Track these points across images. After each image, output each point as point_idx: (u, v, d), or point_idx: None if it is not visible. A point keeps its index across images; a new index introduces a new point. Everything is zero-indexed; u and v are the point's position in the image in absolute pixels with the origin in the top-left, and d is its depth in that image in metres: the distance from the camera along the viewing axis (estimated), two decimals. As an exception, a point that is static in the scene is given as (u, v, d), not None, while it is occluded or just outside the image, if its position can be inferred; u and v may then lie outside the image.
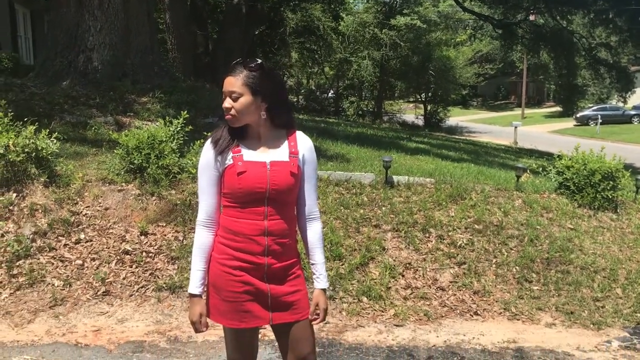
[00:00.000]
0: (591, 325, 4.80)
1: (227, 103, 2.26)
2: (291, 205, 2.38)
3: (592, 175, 6.48)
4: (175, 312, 4.51)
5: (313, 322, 2.41)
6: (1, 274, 4.59)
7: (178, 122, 5.76)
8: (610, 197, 6.48)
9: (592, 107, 41.17)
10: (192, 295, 2.32)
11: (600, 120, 34.04)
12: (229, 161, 2.28)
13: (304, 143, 2.39)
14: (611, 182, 6.49)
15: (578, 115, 39.88)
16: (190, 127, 5.90)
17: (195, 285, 2.32)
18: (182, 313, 4.48)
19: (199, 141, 5.86)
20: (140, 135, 5.56)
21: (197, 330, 2.35)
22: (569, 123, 39.95)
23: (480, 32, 32.80)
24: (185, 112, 5.88)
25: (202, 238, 2.34)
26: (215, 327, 4.27)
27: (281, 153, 2.32)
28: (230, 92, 2.25)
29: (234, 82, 2.25)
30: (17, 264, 4.66)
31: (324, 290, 2.43)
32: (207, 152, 2.33)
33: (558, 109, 47.22)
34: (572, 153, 6.90)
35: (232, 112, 2.25)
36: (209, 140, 2.35)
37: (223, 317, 2.34)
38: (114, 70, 9.52)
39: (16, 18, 19.44)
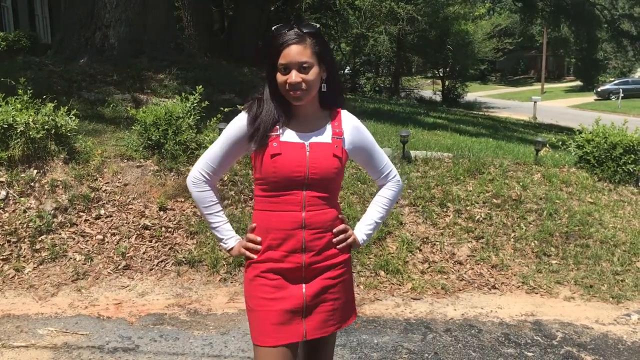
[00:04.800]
0: (610, 299, 4.77)
1: (297, 77, 1.92)
2: (334, 195, 2.10)
3: (613, 149, 6.39)
4: (195, 285, 4.56)
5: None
6: (25, 248, 4.68)
7: (194, 98, 5.77)
8: (631, 170, 6.38)
9: (614, 81, 40.43)
10: (229, 250, 2.15)
11: (622, 95, 33.44)
12: (264, 142, 2.00)
13: (349, 122, 2.11)
14: (632, 156, 6.39)
15: (599, 90, 39.20)
16: (206, 103, 5.90)
17: (223, 241, 2.15)
18: (202, 286, 4.54)
19: (215, 117, 5.88)
20: (157, 111, 5.59)
21: (252, 247, 2.06)
22: (590, 98, 39.30)
23: (499, 5, 32.23)
24: (201, 87, 5.88)
25: (198, 193, 2.13)
26: (235, 300, 4.34)
27: (323, 133, 2.05)
28: (300, 62, 1.92)
29: (304, 51, 1.92)
30: (40, 239, 4.75)
31: (358, 242, 2.19)
32: (239, 124, 2.06)
33: (578, 83, 46.48)
34: (593, 127, 6.80)
35: (303, 86, 1.93)
36: (243, 113, 2.07)
37: (256, 334, 2.03)
38: (131, 47, 9.54)
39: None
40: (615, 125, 6.76)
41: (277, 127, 2.01)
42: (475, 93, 41.60)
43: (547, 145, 7.42)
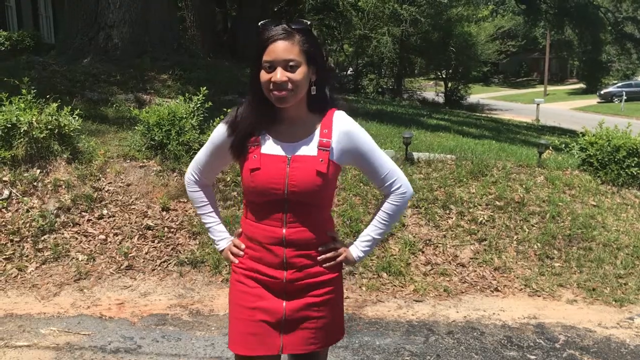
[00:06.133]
0: (613, 302, 4.76)
1: (282, 75, 1.75)
2: (321, 210, 1.93)
3: (616, 152, 6.38)
4: (197, 286, 4.56)
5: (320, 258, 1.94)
6: (27, 248, 4.68)
7: (198, 99, 5.77)
8: (635, 173, 6.37)
9: (617, 83, 40.35)
10: (221, 252, 2.08)
11: (625, 97, 33.37)
12: (243, 153, 1.87)
13: (339, 127, 1.89)
14: (636, 159, 6.38)
15: (602, 92, 39.14)
16: (209, 103, 5.91)
17: (215, 241, 2.09)
18: (204, 287, 4.54)
19: (218, 118, 5.87)
20: (160, 112, 5.59)
21: (235, 252, 1.98)
22: (593, 100, 39.24)
23: (502, 7, 32.22)
24: (205, 88, 5.89)
25: (190, 193, 2.10)
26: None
27: (308, 144, 1.86)
28: (286, 60, 1.75)
29: (291, 48, 1.76)
30: (42, 238, 4.75)
31: (352, 259, 2.02)
32: (219, 131, 1.93)
33: (581, 85, 46.39)
34: (596, 129, 6.79)
35: (289, 86, 1.76)
36: (224, 122, 1.94)
37: (231, 341, 1.96)
38: (134, 47, 9.55)
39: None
40: (619, 128, 6.74)
41: (258, 135, 1.86)
42: (477, 95, 41.56)
43: (550, 148, 7.41)
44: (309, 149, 1.85)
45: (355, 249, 2.03)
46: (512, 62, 55.65)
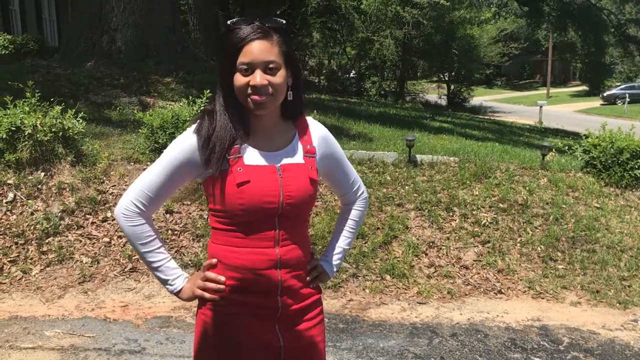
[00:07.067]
0: (617, 304, 4.75)
1: (262, 78, 1.58)
2: (305, 223, 1.80)
3: (619, 154, 6.37)
4: (201, 288, 4.57)
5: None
6: (32, 250, 4.69)
7: (201, 102, 5.79)
8: (638, 175, 6.36)
9: (620, 85, 40.30)
10: (177, 293, 1.74)
11: (628, 99, 33.33)
12: (224, 166, 1.62)
13: (317, 133, 1.77)
14: (639, 161, 6.37)
15: (605, 94, 39.09)
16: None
17: (169, 282, 1.74)
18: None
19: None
20: (164, 114, 5.61)
21: (213, 287, 1.67)
22: (596, 102, 39.18)
23: (505, 9, 32.23)
24: (208, 91, 5.90)
25: (131, 228, 1.70)
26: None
27: (293, 152, 1.70)
28: (266, 62, 1.58)
29: (270, 49, 1.59)
30: (47, 241, 4.76)
31: (327, 276, 1.87)
32: (185, 145, 1.67)
33: (584, 88, 46.36)
34: (599, 131, 6.78)
35: (270, 90, 1.59)
36: (190, 131, 1.68)
37: None
38: (137, 50, 9.58)
39: (41, 0, 19.62)
40: (622, 130, 6.74)
41: (237, 145, 1.64)
42: (480, 97, 41.55)
43: (554, 150, 7.40)
44: (296, 157, 1.70)
45: (328, 264, 1.88)
46: (514, 64, 55.62)
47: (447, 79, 37.25)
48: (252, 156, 1.65)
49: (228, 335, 1.69)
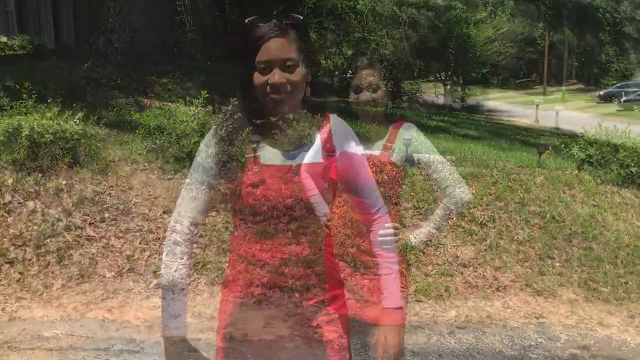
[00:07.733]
0: (614, 301, 4.77)
1: (281, 76, 1.56)
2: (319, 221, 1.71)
3: (616, 152, 6.39)
4: (201, 288, 4.58)
5: None
6: (29, 252, 4.69)
7: (198, 103, 5.80)
8: (634, 173, 6.39)
9: (616, 84, 40.40)
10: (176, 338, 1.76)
11: (624, 98, 33.39)
12: (242, 164, 1.63)
13: (339, 130, 1.71)
14: (636, 158, 6.39)
15: (601, 93, 39.16)
16: (210, 107, 5.93)
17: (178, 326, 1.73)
18: (207, 289, 4.55)
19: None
20: (161, 115, 5.62)
21: None
22: (592, 101, 39.26)
23: (500, 8, 32.25)
24: (205, 92, 5.91)
25: (185, 260, 1.70)
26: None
27: (311, 151, 1.64)
28: (284, 59, 1.56)
29: (288, 46, 1.57)
30: (45, 242, 4.76)
31: (391, 310, 1.78)
32: (209, 149, 1.67)
33: (581, 86, 46.44)
34: (596, 130, 6.81)
35: (288, 88, 1.57)
36: (210, 134, 1.69)
37: None
38: (134, 51, 9.58)
39: (38, 2, 19.60)
40: (618, 128, 6.76)
41: (255, 146, 1.63)
42: (477, 97, 41.59)
43: (550, 148, 7.43)
44: (314, 156, 1.63)
45: (385, 299, 1.88)
46: (511, 63, 55.65)
47: (443, 78, 37.28)
48: (269, 155, 1.62)
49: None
